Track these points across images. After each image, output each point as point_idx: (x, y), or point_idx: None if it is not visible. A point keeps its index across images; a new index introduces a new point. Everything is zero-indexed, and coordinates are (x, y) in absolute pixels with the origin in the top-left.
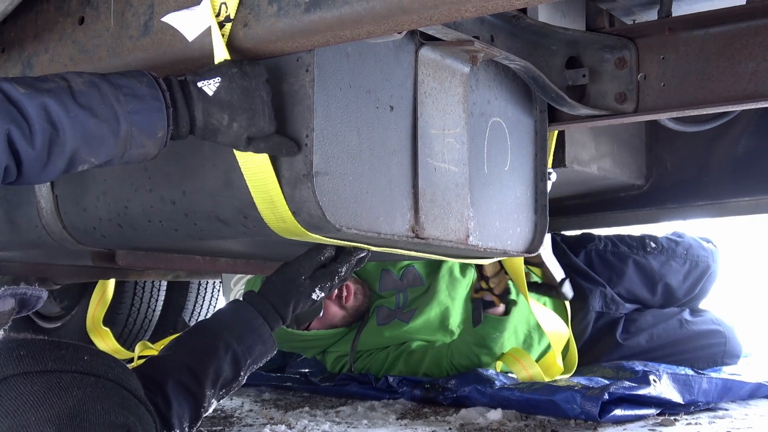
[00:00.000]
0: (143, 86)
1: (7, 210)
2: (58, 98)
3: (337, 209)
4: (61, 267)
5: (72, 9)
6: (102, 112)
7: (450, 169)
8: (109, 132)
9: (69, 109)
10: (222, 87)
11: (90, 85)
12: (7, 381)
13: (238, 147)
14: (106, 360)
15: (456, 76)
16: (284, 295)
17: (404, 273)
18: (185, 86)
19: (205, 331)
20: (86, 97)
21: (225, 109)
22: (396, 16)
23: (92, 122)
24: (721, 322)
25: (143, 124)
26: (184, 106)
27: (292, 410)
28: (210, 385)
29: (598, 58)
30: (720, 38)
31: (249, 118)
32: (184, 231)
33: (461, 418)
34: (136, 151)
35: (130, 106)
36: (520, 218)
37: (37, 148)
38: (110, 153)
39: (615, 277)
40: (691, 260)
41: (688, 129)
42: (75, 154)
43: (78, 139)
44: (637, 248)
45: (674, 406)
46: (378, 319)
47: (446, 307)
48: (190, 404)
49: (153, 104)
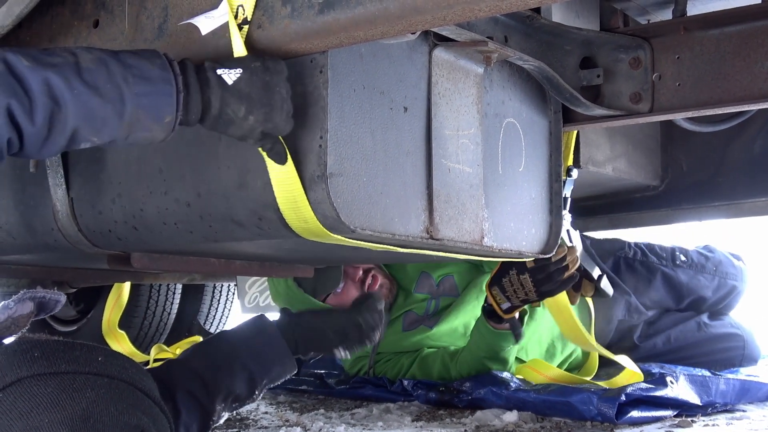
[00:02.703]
0: (155, 68)
1: (23, 213)
2: (62, 74)
3: (351, 210)
4: (77, 270)
5: (87, 12)
6: (107, 92)
7: (464, 170)
8: (113, 112)
9: (73, 86)
10: (243, 78)
11: (98, 63)
12: (21, 382)
13: (246, 140)
14: (120, 361)
15: (470, 77)
16: (308, 339)
17: (442, 280)
18: (201, 72)
19: (224, 345)
20: (92, 75)
21: (243, 100)
22: (410, 16)
23: (96, 101)
24: (739, 325)
25: (150, 107)
26: (197, 92)
27: (308, 412)
28: (221, 400)
29: (613, 58)
30: (735, 37)
31: (266, 114)
32: (199, 233)
33: (477, 420)
34: (141, 134)
35: (137, 88)
36: (534, 219)
37: (38, 124)
38: (113, 134)
39: (642, 287)
40: (720, 277)
41: (704, 129)
42: (76, 132)
43: (80, 117)
44: (667, 260)
45: (691, 408)
46: (404, 325)
47: (470, 318)
48: (198, 415)
49: (162, 87)
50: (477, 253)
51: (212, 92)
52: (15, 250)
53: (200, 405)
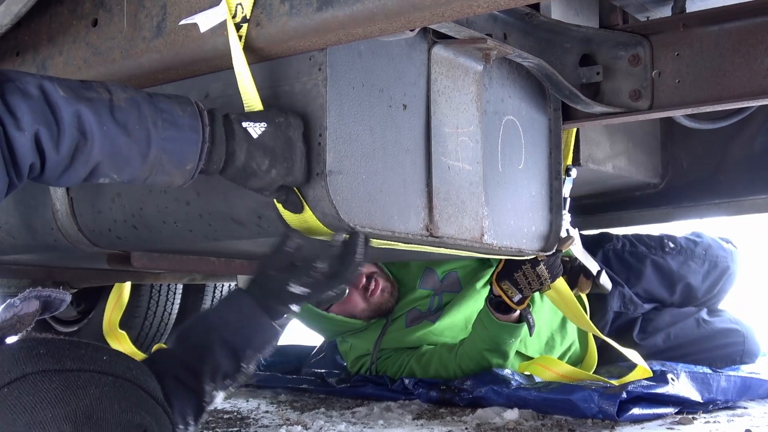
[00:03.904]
0: (186, 116)
1: (24, 213)
2: (94, 109)
3: (350, 208)
4: (77, 270)
5: (85, 11)
6: (135, 133)
7: (464, 168)
8: (137, 153)
9: (103, 122)
10: (267, 132)
11: (131, 103)
12: (25, 378)
13: (263, 193)
14: (124, 360)
15: (469, 75)
16: (273, 294)
17: (446, 276)
18: (228, 123)
19: (200, 325)
20: (124, 114)
21: (267, 154)
22: (408, 13)
23: (123, 140)
24: (739, 321)
25: (174, 153)
26: (222, 143)
27: (308, 411)
28: (208, 379)
29: (612, 55)
30: (735, 34)
31: (288, 168)
32: (198, 232)
33: (478, 418)
34: (161, 178)
35: (165, 133)
36: (534, 217)
37: (62, 154)
38: (134, 174)
39: (633, 278)
40: (710, 261)
41: (704, 126)
42: (98, 167)
43: (105, 153)
44: (656, 248)
45: (693, 405)
46: (406, 322)
47: (472, 311)
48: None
49: (190, 135)
50: (477, 251)
51: (238, 144)
52: (15, 250)
53: (189, 389)
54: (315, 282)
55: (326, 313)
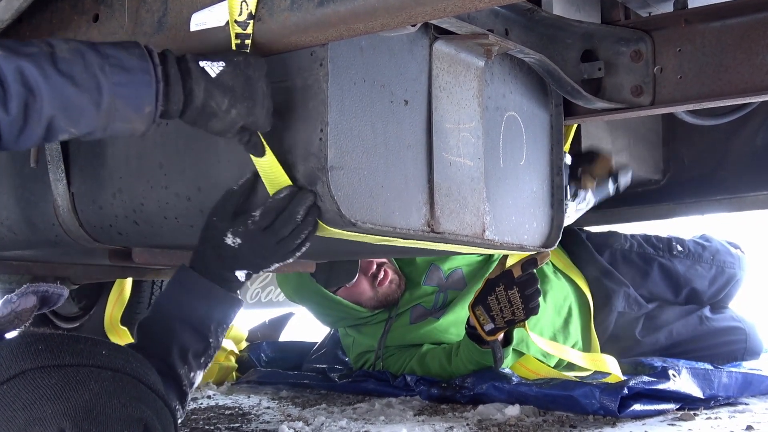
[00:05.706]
0: (133, 58)
1: (24, 209)
2: (36, 63)
3: (352, 203)
4: (78, 266)
5: (86, 7)
6: (83, 81)
7: (465, 164)
8: (90, 102)
9: (47, 75)
10: (226, 71)
11: (74, 53)
12: (24, 374)
13: (225, 135)
14: (123, 354)
15: (471, 70)
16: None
17: (451, 274)
18: (183, 62)
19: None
20: (68, 64)
21: (227, 93)
22: (410, 8)
23: (72, 90)
24: (741, 319)
25: (129, 97)
26: (178, 82)
27: (310, 407)
28: (179, 362)
29: (614, 51)
30: (737, 30)
31: (248, 108)
32: (200, 227)
33: (479, 414)
34: (120, 125)
35: (115, 78)
36: (536, 213)
37: (12, 113)
38: (91, 124)
39: (639, 279)
40: (717, 266)
41: (706, 122)
42: (53, 122)
43: (56, 106)
44: (664, 250)
45: (694, 401)
46: (411, 318)
47: None
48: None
49: (141, 77)
50: (479, 246)
51: (195, 83)
52: (16, 245)
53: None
54: (248, 232)
55: (333, 295)
